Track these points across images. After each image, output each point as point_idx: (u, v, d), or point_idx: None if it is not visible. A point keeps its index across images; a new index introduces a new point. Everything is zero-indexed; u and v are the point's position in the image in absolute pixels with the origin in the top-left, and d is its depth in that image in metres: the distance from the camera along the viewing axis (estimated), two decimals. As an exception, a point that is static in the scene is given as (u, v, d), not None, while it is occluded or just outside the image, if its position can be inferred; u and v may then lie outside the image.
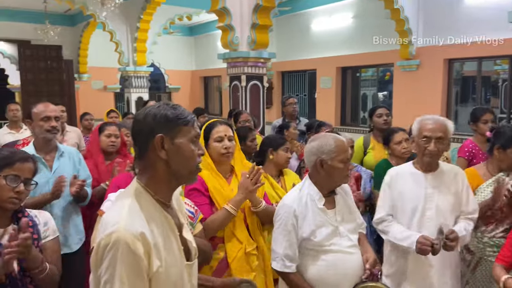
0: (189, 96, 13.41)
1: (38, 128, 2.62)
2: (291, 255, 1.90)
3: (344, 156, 1.92)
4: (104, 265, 1.09)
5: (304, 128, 5.14)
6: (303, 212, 1.91)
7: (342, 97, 9.12)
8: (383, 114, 3.72)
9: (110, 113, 5.20)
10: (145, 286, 1.13)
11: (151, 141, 1.20)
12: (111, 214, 1.19)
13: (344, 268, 1.88)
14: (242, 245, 2.15)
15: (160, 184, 1.24)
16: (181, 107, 1.27)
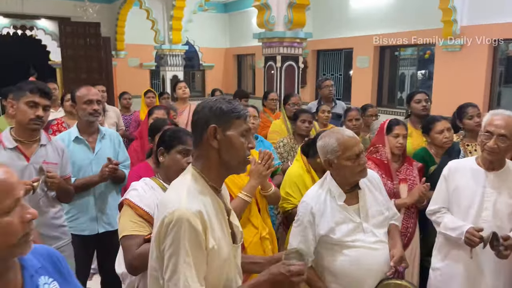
0: (223, 74, 13.42)
1: (81, 111, 2.71)
2: (305, 250, 1.89)
3: (350, 153, 1.86)
4: (168, 241, 1.22)
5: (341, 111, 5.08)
6: (321, 210, 1.90)
7: (379, 77, 8.86)
8: (422, 100, 3.58)
9: (147, 93, 5.30)
10: (204, 258, 1.26)
11: (205, 131, 1.32)
12: (171, 195, 1.32)
13: (368, 264, 1.87)
14: (258, 230, 2.23)
15: (212, 171, 1.35)
16: (236, 102, 1.37)
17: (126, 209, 1.80)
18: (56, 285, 1.14)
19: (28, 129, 2.27)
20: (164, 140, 1.92)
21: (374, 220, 1.94)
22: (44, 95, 2.27)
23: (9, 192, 0.98)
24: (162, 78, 9.67)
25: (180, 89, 4.86)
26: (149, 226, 1.75)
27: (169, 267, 1.23)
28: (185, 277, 1.20)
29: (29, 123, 2.25)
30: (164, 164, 1.89)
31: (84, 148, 2.75)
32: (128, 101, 5.62)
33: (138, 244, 1.71)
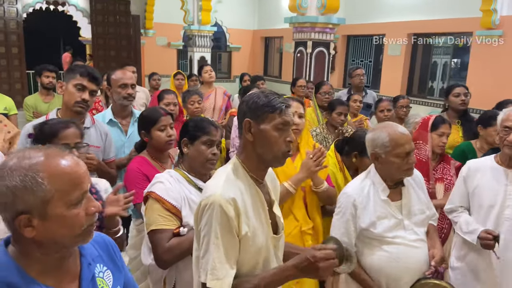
0: (249, 57, 13.31)
1: (116, 94, 2.73)
2: (347, 241, 1.89)
3: (400, 151, 1.80)
4: (202, 222, 1.31)
5: (371, 101, 4.97)
6: (363, 202, 1.87)
7: (411, 65, 8.62)
8: (461, 93, 3.46)
9: (176, 75, 5.29)
10: (235, 242, 1.32)
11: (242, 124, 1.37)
12: (212, 182, 1.38)
13: (407, 262, 1.84)
14: (298, 223, 2.20)
15: (251, 163, 1.40)
16: (274, 96, 1.37)
17: (153, 202, 1.77)
18: (109, 274, 1.16)
19: (73, 112, 2.30)
20: (187, 131, 1.87)
21: (415, 218, 1.91)
22: (93, 80, 2.29)
23: (79, 184, 1.00)
24: (190, 59, 9.67)
25: (206, 72, 4.80)
26: (176, 219, 1.74)
27: (203, 246, 1.31)
28: (213, 257, 1.27)
29: (75, 106, 2.27)
30: (189, 155, 1.85)
31: (118, 130, 2.78)
32: (158, 82, 5.64)
33: (167, 238, 1.70)
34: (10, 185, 0.93)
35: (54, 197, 0.95)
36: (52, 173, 0.96)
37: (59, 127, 1.79)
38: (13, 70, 8.73)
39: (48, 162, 0.97)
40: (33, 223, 0.95)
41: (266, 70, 13.03)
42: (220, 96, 4.68)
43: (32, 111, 4.12)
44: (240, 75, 5.85)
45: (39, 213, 0.94)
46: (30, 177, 0.94)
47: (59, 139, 1.76)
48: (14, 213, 0.94)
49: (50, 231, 0.96)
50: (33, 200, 0.93)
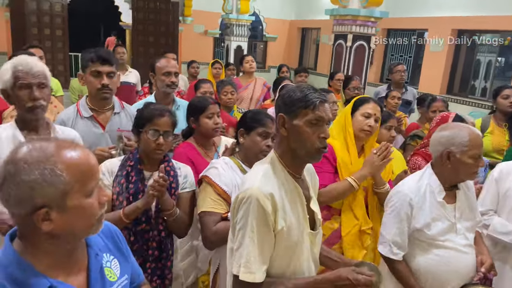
0: (285, 47, 13.22)
1: (160, 82, 2.78)
2: (399, 242, 1.86)
3: (476, 152, 1.77)
4: (239, 215, 1.32)
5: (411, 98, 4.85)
6: (420, 203, 1.83)
7: (453, 62, 8.32)
8: (510, 95, 3.33)
9: (214, 64, 5.33)
10: (271, 236, 1.32)
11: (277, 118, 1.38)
12: (250, 176, 1.40)
13: (456, 266, 1.81)
14: (358, 222, 2.19)
15: (288, 158, 1.39)
16: (310, 90, 1.35)
17: (205, 186, 1.87)
18: (117, 263, 1.17)
19: (100, 99, 2.34)
20: (245, 122, 1.95)
21: (467, 223, 1.88)
22: (105, 62, 2.28)
23: (94, 174, 1.00)
24: (226, 48, 9.71)
25: (247, 63, 4.82)
26: (226, 204, 1.82)
27: (237, 239, 1.32)
28: (247, 251, 1.28)
29: (98, 93, 2.30)
30: (244, 145, 1.93)
31: (160, 117, 2.83)
32: (196, 70, 5.70)
33: (216, 221, 1.79)
34: (29, 179, 0.89)
35: (73, 188, 0.94)
36: (69, 164, 0.94)
37: (156, 114, 1.86)
38: (57, 52, 9.01)
39: (63, 153, 0.94)
40: (51, 217, 0.93)
41: (301, 62, 12.91)
42: (259, 87, 4.70)
43: (78, 94, 4.25)
44: (278, 66, 5.81)
45: (58, 205, 0.93)
46: (49, 169, 0.91)
47: (152, 124, 1.84)
48: (32, 207, 0.91)
49: (68, 223, 0.95)
50: (53, 193, 0.91)
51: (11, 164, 0.91)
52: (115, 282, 1.12)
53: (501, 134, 3.33)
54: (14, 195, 0.90)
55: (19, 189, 0.89)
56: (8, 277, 0.93)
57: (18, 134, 1.85)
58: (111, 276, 1.12)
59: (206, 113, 2.33)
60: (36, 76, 1.82)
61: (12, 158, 0.92)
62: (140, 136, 1.88)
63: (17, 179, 0.89)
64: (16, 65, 1.81)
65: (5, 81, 1.81)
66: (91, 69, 2.27)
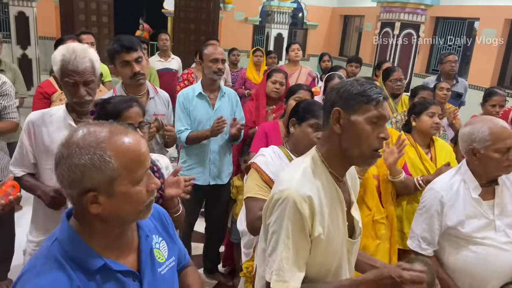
0: (325, 35, 12.96)
1: (207, 68, 2.80)
2: (428, 238, 1.83)
3: (501, 145, 1.68)
4: (273, 217, 1.23)
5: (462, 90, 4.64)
6: (452, 200, 1.78)
7: (506, 54, 7.87)
8: None
9: (255, 51, 5.29)
10: (307, 242, 1.22)
11: (330, 113, 1.24)
12: (287, 174, 1.29)
13: (496, 265, 1.73)
14: (371, 212, 2.19)
15: (334, 158, 1.28)
16: (370, 85, 1.23)
17: (253, 172, 1.88)
18: (165, 245, 1.20)
19: (134, 86, 2.35)
20: (297, 111, 1.93)
21: (508, 220, 1.79)
22: (129, 49, 2.27)
23: (143, 162, 1.00)
24: (266, 35, 9.62)
25: (293, 51, 4.78)
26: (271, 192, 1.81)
27: (271, 243, 1.24)
28: (281, 257, 1.20)
29: (132, 81, 2.32)
30: (294, 135, 1.91)
31: (205, 104, 2.86)
32: (237, 57, 5.69)
33: (260, 207, 1.75)
34: (79, 163, 0.92)
35: (121, 175, 0.95)
36: (119, 151, 0.95)
37: (123, 107, 1.73)
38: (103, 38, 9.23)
39: (114, 140, 0.96)
40: (99, 200, 0.95)
41: (342, 50, 12.64)
42: (304, 76, 4.64)
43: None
44: (320, 54, 5.70)
45: (106, 190, 0.95)
46: (98, 155, 0.93)
47: (123, 118, 1.73)
48: (81, 190, 0.94)
49: (115, 208, 0.97)
50: (101, 178, 0.93)
51: (65, 147, 0.95)
52: (163, 263, 1.15)
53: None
54: (67, 177, 0.94)
55: (70, 171, 0.93)
56: (64, 253, 0.97)
57: (68, 117, 1.89)
58: (160, 257, 1.15)
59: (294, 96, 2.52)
60: (83, 74, 1.80)
61: (67, 141, 0.96)
62: None
63: (69, 162, 0.93)
64: (65, 61, 1.78)
65: (55, 70, 1.83)
66: (119, 60, 2.30)
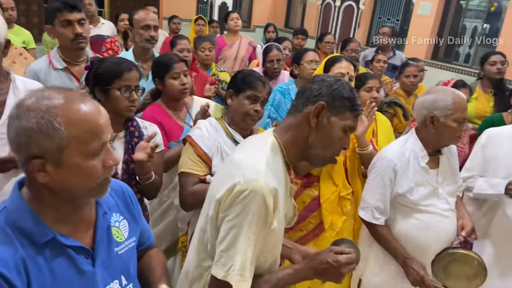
0: (271, 6, 12.78)
1: (138, 36, 2.63)
2: (382, 208, 1.87)
3: (460, 116, 1.76)
4: (234, 210, 1.11)
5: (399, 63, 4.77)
6: (403, 168, 1.83)
7: (440, 28, 8.21)
8: (497, 62, 3.31)
9: (197, 20, 5.08)
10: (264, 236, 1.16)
11: (312, 104, 1.19)
12: (249, 162, 1.17)
13: (437, 231, 1.84)
14: (337, 188, 2.17)
15: (294, 148, 1.23)
16: (357, 95, 1.24)
17: (188, 146, 1.83)
18: (125, 223, 1.14)
19: (74, 49, 2.19)
20: (235, 83, 1.87)
21: (449, 188, 1.90)
22: (73, 8, 2.12)
23: (99, 134, 0.93)
24: (210, 4, 9.35)
25: (232, 20, 4.62)
26: (206, 166, 1.79)
27: (227, 238, 1.12)
28: (245, 256, 1.11)
29: (73, 44, 2.15)
30: (231, 107, 1.87)
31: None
32: (178, 26, 5.46)
33: (194, 182, 1.75)
34: (26, 126, 0.87)
35: (70, 145, 0.90)
36: (71, 119, 0.90)
37: (125, 68, 1.73)
38: (32, 2, 8.54)
39: (68, 107, 0.90)
40: (46, 169, 0.90)
41: (288, 22, 12.57)
42: (244, 46, 4.54)
43: (51, 47, 4.01)
44: (265, 25, 5.61)
45: (54, 159, 0.90)
46: (46, 120, 0.88)
47: (123, 79, 1.71)
48: (29, 155, 0.89)
49: (63, 179, 0.92)
50: (48, 145, 0.88)
51: (16, 108, 0.91)
52: (122, 242, 1.11)
53: (486, 101, 3.33)
54: (14, 140, 0.90)
55: (17, 134, 0.89)
56: (12, 223, 0.92)
57: None
58: (118, 236, 1.10)
59: (171, 73, 2.16)
60: None
61: (20, 102, 0.91)
62: (106, 94, 1.72)
63: (17, 124, 0.89)
64: None
65: None
66: (60, 19, 2.10)
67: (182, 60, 2.25)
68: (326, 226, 2.14)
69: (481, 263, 1.78)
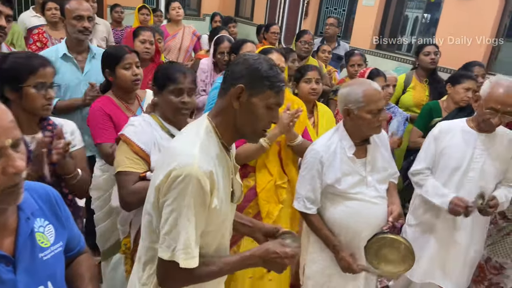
0: (220, -6, 12.63)
1: (70, 27, 2.50)
2: (312, 198, 1.94)
3: (373, 107, 1.81)
4: (172, 195, 1.16)
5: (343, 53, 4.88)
6: (330, 159, 1.89)
7: (383, 17, 8.48)
8: (431, 52, 3.46)
9: (141, 9, 4.91)
10: (205, 216, 1.22)
11: (233, 86, 1.23)
12: (183, 147, 1.22)
13: (367, 217, 1.91)
14: (273, 177, 2.21)
15: (226, 130, 1.28)
16: (278, 70, 1.27)
17: (122, 144, 1.76)
18: (51, 229, 1.09)
19: None
20: (156, 79, 1.81)
21: (378, 176, 1.96)
22: (6, 2, 2.06)
23: None
24: (156, -8, 9.06)
25: (173, 9, 4.49)
26: (144, 163, 1.74)
27: (168, 221, 1.18)
28: (187, 236, 1.17)
29: None
30: (160, 104, 1.82)
31: (73, 67, 2.57)
32: (120, 15, 5.25)
33: (133, 181, 1.70)
34: None
35: None
36: None
37: (39, 64, 1.59)
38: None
39: None
40: None
41: (238, 11, 12.49)
42: (188, 36, 4.45)
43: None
44: (211, 14, 5.53)
45: None
46: None
47: (37, 76, 1.58)
48: None
49: None
50: None
51: None
52: (48, 248, 1.07)
53: (422, 90, 3.48)
54: None
55: None
56: None
57: None
58: (43, 242, 1.06)
59: (122, 63, 2.14)
60: None
61: None
62: (19, 93, 1.58)
63: None
64: None
65: None
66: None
67: (133, 51, 2.24)
68: (263, 215, 2.18)
69: (409, 247, 1.87)
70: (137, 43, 2.99)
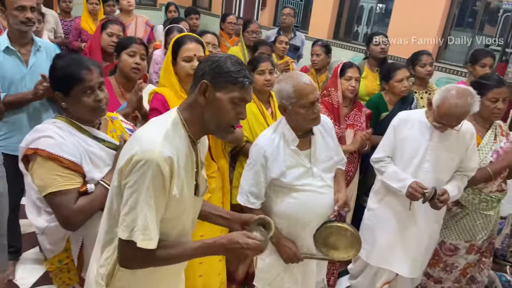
0: (177, -17, 12.37)
1: (12, 18, 2.38)
2: (256, 192, 1.95)
3: (305, 101, 1.83)
4: (132, 178, 1.21)
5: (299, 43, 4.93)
6: (274, 154, 1.91)
7: (340, 8, 8.61)
8: (380, 42, 3.55)
9: (93, -3, 4.72)
10: (165, 201, 1.26)
11: (199, 83, 1.28)
12: (148, 134, 1.27)
13: (314, 208, 1.94)
14: None
15: (193, 124, 1.33)
16: (242, 66, 1.31)
17: (43, 161, 1.50)
18: None
19: None
20: (58, 83, 1.58)
21: (323, 165, 1.98)
22: None
23: None
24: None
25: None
26: (79, 176, 1.55)
27: (128, 202, 1.22)
28: (145, 217, 1.21)
29: None
30: (70, 110, 1.60)
31: (16, 60, 2.45)
32: (68, 5, 5.03)
33: (74, 198, 1.52)
34: None
35: None
36: None
37: None
38: None
39: None
40: None
41: (196, 1, 12.29)
42: (141, 26, 4.34)
43: None
44: (166, 4, 5.41)
45: None
46: None
47: None
48: None
49: None
50: None
51: None
52: None
53: (373, 79, 3.58)
54: None
55: None
56: None
57: None
58: None
59: (128, 49, 2.34)
60: None
61: None
62: None
63: None
64: None
65: None
66: None
67: (144, 44, 2.45)
68: None
69: (354, 233, 1.94)
70: (104, 36, 2.94)
